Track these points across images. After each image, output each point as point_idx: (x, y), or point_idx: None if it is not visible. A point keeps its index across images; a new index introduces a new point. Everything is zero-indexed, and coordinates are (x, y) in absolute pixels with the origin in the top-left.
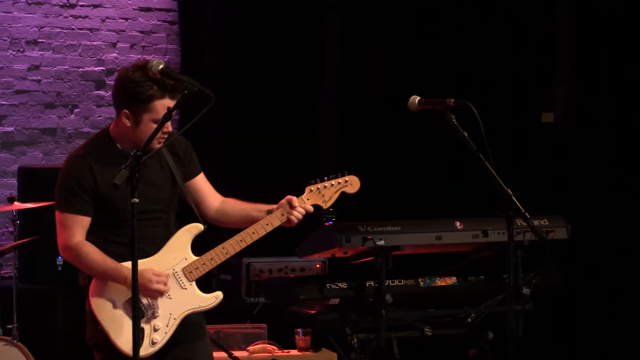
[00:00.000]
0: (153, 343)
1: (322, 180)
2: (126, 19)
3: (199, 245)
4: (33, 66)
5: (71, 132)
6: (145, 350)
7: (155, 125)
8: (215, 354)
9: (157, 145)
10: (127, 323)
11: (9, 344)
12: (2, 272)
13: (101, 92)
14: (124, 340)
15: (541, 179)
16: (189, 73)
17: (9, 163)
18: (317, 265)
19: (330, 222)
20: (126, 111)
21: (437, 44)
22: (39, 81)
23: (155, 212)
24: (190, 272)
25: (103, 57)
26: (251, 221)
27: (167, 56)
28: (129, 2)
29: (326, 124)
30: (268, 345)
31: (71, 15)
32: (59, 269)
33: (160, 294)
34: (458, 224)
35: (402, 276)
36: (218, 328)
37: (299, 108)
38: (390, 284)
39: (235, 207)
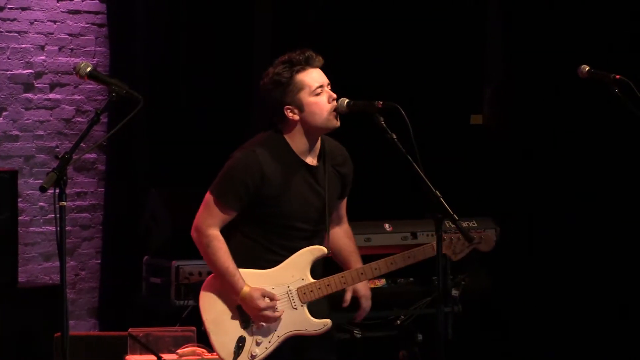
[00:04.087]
0: (252, 356)
1: (456, 232)
2: (54, 22)
3: None
4: None
5: None
6: None
7: (317, 99)
8: (144, 358)
9: (335, 122)
10: (231, 329)
11: None
12: None
13: (29, 95)
14: (223, 347)
15: (470, 181)
16: (118, 75)
17: None
18: None
19: None
20: (287, 106)
21: (365, 44)
22: None
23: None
24: (305, 293)
25: (31, 60)
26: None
27: (96, 59)
28: (58, 4)
29: (259, 125)
30: (197, 348)
31: None
32: None
33: (267, 320)
34: (387, 226)
35: None
36: (147, 331)
37: (231, 109)
38: None
39: (343, 248)
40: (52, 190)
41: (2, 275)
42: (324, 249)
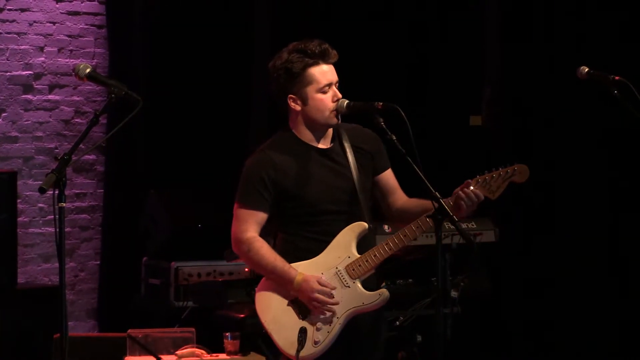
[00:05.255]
0: (315, 343)
1: (490, 172)
2: (54, 23)
3: None
4: None
5: None
6: (309, 350)
7: (322, 96)
8: (144, 359)
9: (334, 119)
10: (290, 323)
11: None
12: None
13: (29, 96)
14: (286, 342)
15: None
16: (117, 77)
17: None
18: (246, 269)
19: None
20: (291, 96)
21: (365, 44)
22: None
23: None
24: (354, 269)
25: (31, 61)
26: None
27: (95, 60)
28: (57, 6)
29: (257, 126)
30: (197, 349)
31: None
32: None
33: (323, 305)
34: (386, 227)
35: None
36: (146, 332)
37: (231, 110)
38: None
39: (415, 205)
40: (52, 192)
41: (1, 276)
42: (364, 224)
